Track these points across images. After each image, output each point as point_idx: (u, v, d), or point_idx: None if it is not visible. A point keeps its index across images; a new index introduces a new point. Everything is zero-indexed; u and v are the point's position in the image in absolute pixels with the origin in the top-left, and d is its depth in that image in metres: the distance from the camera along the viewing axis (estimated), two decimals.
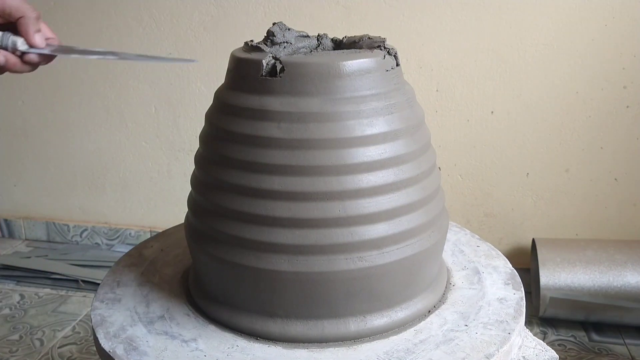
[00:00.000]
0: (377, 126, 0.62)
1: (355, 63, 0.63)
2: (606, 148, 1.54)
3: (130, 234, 1.87)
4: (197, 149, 0.71)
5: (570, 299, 1.40)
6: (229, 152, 0.64)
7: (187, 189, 0.73)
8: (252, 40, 0.68)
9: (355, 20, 1.54)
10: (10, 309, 1.57)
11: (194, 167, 0.71)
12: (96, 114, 1.79)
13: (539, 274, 1.42)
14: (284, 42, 0.68)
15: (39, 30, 0.64)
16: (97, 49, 0.68)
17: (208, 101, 0.69)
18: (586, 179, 1.57)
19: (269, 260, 0.61)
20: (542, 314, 1.45)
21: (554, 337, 1.45)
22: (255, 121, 0.62)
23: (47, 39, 0.66)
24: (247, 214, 0.62)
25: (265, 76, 0.63)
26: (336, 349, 0.63)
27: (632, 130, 1.51)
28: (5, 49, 0.63)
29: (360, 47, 0.70)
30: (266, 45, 0.67)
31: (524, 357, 0.69)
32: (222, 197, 0.64)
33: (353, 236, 0.61)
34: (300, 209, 0.60)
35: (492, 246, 0.86)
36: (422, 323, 0.67)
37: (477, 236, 0.88)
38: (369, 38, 0.71)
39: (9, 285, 1.68)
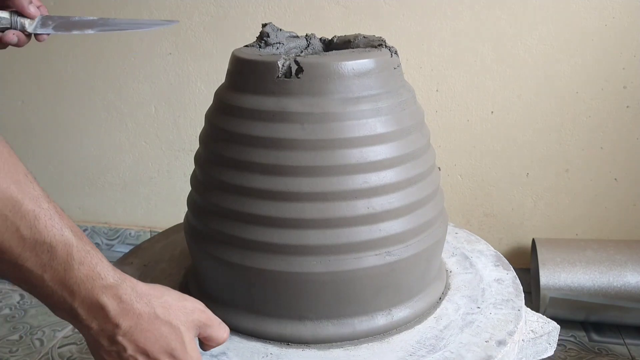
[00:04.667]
0: (378, 126, 0.62)
1: (359, 63, 0.63)
2: (606, 148, 1.54)
3: (130, 234, 1.87)
4: (197, 149, 0.71)
5: (570, 299, 1.40)
6: (229, 152, 0.64)
7: (187, 189, 0.72)
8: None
9: (355, 20, 1.54)
10: (10, 309, 1.57)
11: (194, 167, 0.71)
12: (96, 114, 1.79)
13: (539, 274, 1.42)
14: (276, 43, 0.68)
15: (31, 2, 0.69)
16: (90, 18, 0.72)
17: (208, 101, 0.69)
18: (586, 179, 1.57)
19: (271, 261, 0.61)
20: (542, 314, 1.45)
21: None
22: (256, 121, 0.62)
23: (38, 7, 0.70)
24: (248, 214, 0.62)
25: (280, 77, 0.62)
26: (369, 344, 0.64)
27: (632, 130, 1.51)
28: (16, 29, 0.69)
29: (357, 47, 0.70)
30: (260, 46, 0.67)
31: (532, 330, 0.72)
32: (221, 197, 0.64)
33: (376, 233, 0.62)
34: (300, 210, 0.61)
35: (470, 232, 0.90)
36: (438, 310, 0.70)
37: (452, 223, 0.90)
38: (364, 37, 0.71)
39: (9, 286, 1.68)
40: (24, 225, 0.46)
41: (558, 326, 0.74)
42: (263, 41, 0.68)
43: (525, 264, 1.62)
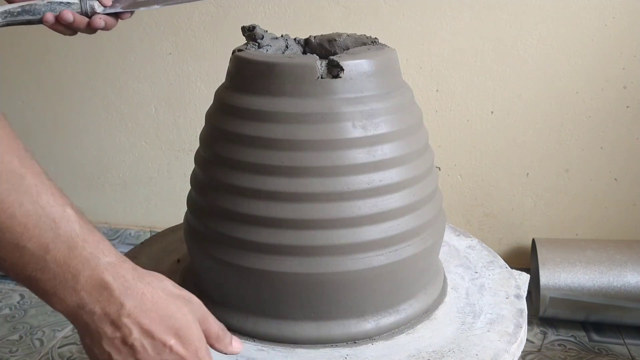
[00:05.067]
0: (381, 126, 0.62)
1: (356, 63, 0.63)
2: (606, 148, 1.53)
3: (130, 234, 1.87)
4: (197, 149, 0.71)
5: (570, 299, 1.40)
6: (229, 152, 0.63)
7: (187, 188, 0.72)
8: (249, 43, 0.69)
9: (355, 20, 1.53)
10: (10, 309, 1.57)
11: (194, 167, 0.71)
12: (96, 114, 1.79)
13: (539, 274, 1.42)
14: (266, 45, 0.68)
15: None
16: None
17: (208, 101, 0.69)
18: (586, 179, 1.57)
19: (270, 262, 0.61)
20: (542, 314, 1.45)
21: (554, 337, 1.45)
22: (256, 122, 0.62)
23: None
24: (247, 215, 0.62)
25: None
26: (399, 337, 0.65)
27: (632, 130, 1.51)
28: (86, 13, 0.71)
29: (345, 46, 0.69)
30: (253, 48, 0.68)
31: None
32: (221, 197, 0.64)
33: (377, 233, 0.62)
34: (300, 210, 0.60)
35: None
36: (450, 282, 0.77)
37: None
38: (348, 35, 0.70)
39: (9, 285, 1.68)
40: (27, 200, 0.44)
41: (528, 276, 0.82)
42: (257, 43, 0.68)
43: (525, 264, 1.62)
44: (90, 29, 0.73)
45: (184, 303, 0.52)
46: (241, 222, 0.62)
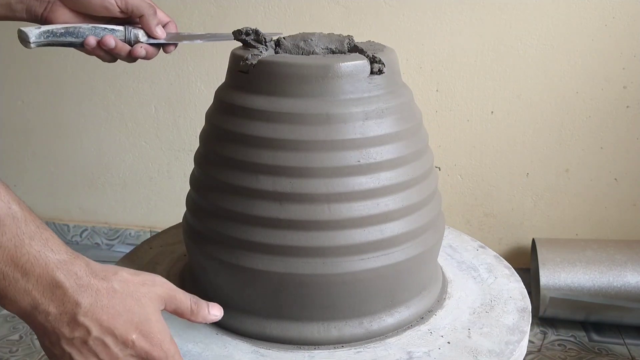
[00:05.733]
0: (381, 127, 0.62)
1: (357, 64, 0.63)
2: (606, 148, 1.54)
3: (130, 234, 1.87)
4: (197, 149, 0.71)
5: (570, 299, 1.40)
6: (229, 152, 0.63)
7: (187, 188, 0.72)
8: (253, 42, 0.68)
9: (355, 20, 1.54)
10: None
11: (193, 167, 0.71)
12: (96, 114, 1.79)
13: (539, 274, 1.42)
14: (262, 45, 0.68)
15: (158, 24, 0.73)
16: (198, 33, 0.77)
17: (208, 101, 0.69)
18: (586, 179, 1.57)
19: (270, 262, 0.61)
20: (542, 314, 1.45)
21: (554, 337, 1.45)
22: (257, 121, 0.62)
23: (164, 24, 0.75)
24: (247, 215, 0.62)
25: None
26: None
27: (632, 130, 1.51)
28: (129, 41, 0.70)
29: (323, 45, 0.69)
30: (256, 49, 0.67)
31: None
32: (221, 197, 0.64)
33: (376, 234, 0.62)
34: (300, 211, 0.60)
35: None
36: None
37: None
38: (321, 34, 0.70)
39: None
40: None
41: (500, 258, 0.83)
42: (254, 45, 0.68)
43: (525, 264, 1.62)
44: (131, 57, 0.72)
45: (147, 289, 0.50)
46: (241, 222, 0.62)
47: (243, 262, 0.62)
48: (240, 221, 0.62)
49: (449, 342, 0.64)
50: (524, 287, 0.76)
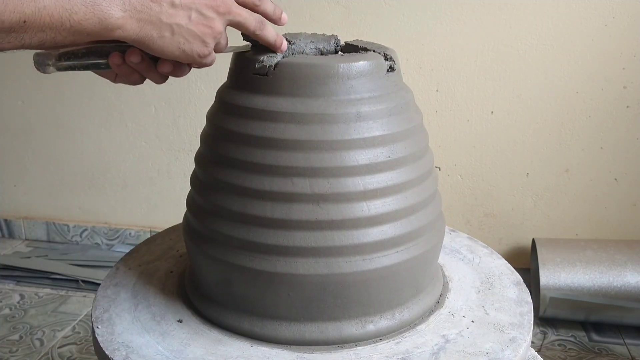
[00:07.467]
0: (381, 128, 0.62)
1: (360, 65, 0.63)
2: (606, 148, 1.54)
3: (130, 234, 1.87)
4: (197, 149, 0.71)
5: (570, 299, 1.40)
6: (230, 152, 0.63)
7: (187, 188, 0.72)
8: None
9: (355, 20, 1.54)
10: (10, 309, 1.57)
11: (194, 167, 0.71)
12: (96, 114, 1.79)
13: (539, 274, 1.42)
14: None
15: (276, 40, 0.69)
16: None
17: (208, 101, 0.69)
18: (586, 179, 1.57)
19: (270, 263, 0.61)
20: (542, 314, 1.45)
21: (554, 337, 1.45)
22: (259, 121, 0.62)
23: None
24: (247, 215, 0.62)
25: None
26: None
27: (632, 130, 1.51)
28: (155, 58, 0.64)
29: (313, 45, 0.69)
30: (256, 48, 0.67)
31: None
32: (222, 197, 0.64)
33: (376, 235, 0.62)
34: (301, 211, 0.60)
35: None
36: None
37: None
38: (308, 33, 0.70)
39: (9, 285, 1.68)
40: None
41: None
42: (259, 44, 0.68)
43: (525, 264, 1.62)
44: (158, 74, 0.64)
45: None
46: (241, 222, 0.62)
47: (243, 262, 0.62)
48: (241, 221, 0.62)
49: (473, 321, 0.67)
50: (507, 262, 0.81)
